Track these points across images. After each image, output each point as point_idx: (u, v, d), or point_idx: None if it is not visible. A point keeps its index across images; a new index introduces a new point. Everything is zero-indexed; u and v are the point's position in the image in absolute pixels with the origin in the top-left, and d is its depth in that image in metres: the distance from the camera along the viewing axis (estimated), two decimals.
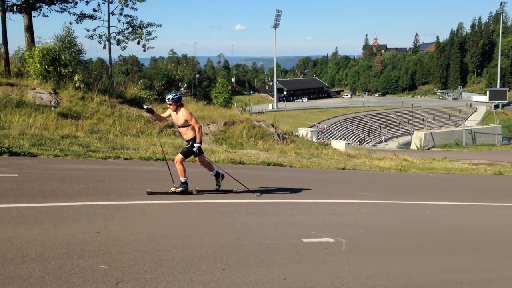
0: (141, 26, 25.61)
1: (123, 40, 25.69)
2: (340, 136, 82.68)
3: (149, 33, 25.78)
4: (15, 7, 22.53)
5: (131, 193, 7.92)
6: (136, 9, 26.03)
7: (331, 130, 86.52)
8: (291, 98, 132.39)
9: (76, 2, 24.64)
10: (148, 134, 19.01)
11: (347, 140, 60.52)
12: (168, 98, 8.03)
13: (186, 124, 8.09)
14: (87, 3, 25.84)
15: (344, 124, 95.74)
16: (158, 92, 30.76)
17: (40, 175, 8.73)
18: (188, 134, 8.16)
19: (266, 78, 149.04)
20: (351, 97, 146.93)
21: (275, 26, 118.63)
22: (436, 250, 6.82)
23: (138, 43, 25.74)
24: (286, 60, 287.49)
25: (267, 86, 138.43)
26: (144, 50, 26.43)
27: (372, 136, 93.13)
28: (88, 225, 5.82)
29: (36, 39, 23.20)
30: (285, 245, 6.04)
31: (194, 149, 8.09)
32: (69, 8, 24.73)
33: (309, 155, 19.93)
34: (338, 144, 36.86)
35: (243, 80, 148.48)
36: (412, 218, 9.19)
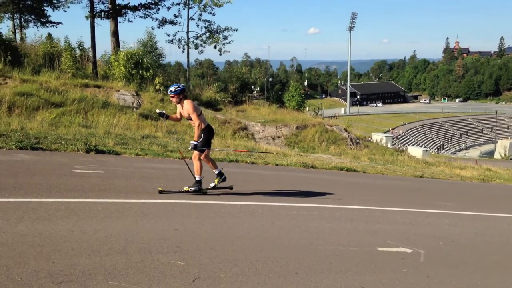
0: (218, 30, 26.39)
1: (201, 44, 26.63)
2: (417, 142, 79.44)
3: (225, 37, 26.52)
4: (103, 13, 24.12)
5: (207, 193, 8.11)
6: (214, 14, 26.89)
7: (407, 136, 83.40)
8: (365, 103, 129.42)
9: (159, 8, 25.92)
10: (222, 136, 19.43)
11: (425, 147, 58.01)
12: (171, 91, 7.62)
13: (191, 117, 7.68)
14: (168, 9, 27.11)
15: (422, 130, 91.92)
16: (232, 95, 31.36)
17: (123, 173, 9.22)
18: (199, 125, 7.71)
19: (339, 82, 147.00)
20: (429, 102, 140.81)
21: (350, 29, 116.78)
22: None
23: (215, 47, 26.53)
24: (361, 64, 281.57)
25: (339, 90, 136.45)
26: (220, 54, 27.20)
27: (451, 144, 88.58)
28: (166, 222, 6.05)
29: (121, 43, 24.67)
30: (360, 252, 5.89)
31: (191, 148, 7.72)
32: (152, 14, 26.08)
33: (384, 161, 19.35)
34: (415, 151, 35.41)
35: (316, 83, 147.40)
36: (495, 231, 8.60)
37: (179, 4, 26.65)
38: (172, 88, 7.64)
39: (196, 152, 7.75)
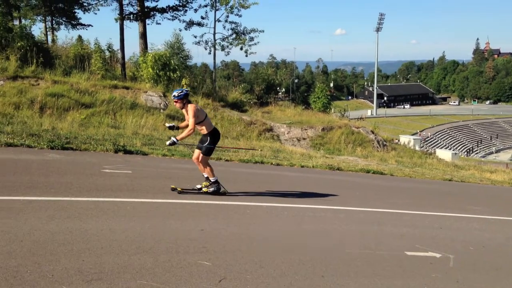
0: (245, 32, 26.46)
1: (227, 46, 26.75)
2: (445, 145, 77.86)
3: (251, 39, 26.59)
4: (131, 15, 24.56)
5: (231, 194, 8.14)
6: (240, 16, 27.00)
7: (435, 139, 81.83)
8: (392, 104, 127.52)
9: (186, 10, 26.24)
10: (247, 137, 19.49)
11: (454, 150, 56.78)
12: (174, 95, 7.38)
13: (196, 123, 7.40)
14: (195, 11, 27.37)
15: (450, 133, 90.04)
16: (257, 96, 31.41)
17: (151, 173, 9.35)
18: (203, 130, 7.57)
19: (365, 83, 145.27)
20: (458, 104, 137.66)
21: (378, 30, 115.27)
22: None
23: (241, 48, 26.61)
24: (388, 65, 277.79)
25: (366, 92, 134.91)
26: (247, 56, 27.25)
27: (481, 147, 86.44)
28: (193, 222, 6.09)
29: (149, 45, 25.04)
30: (387, 256, 5.80)
31: (168, 144, 7.44)
32: (179, 16, 26.41)
33: (411, 164, 19.04)
34: (444, 154, 34.68)
35: (342, 85, 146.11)
36: None
37: (206, 6, 26.89)
38: (175, 93, 7.39)
39: (201, 157, 7.65)
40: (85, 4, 29.28)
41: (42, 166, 8.39)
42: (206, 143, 7.57)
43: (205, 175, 7.78)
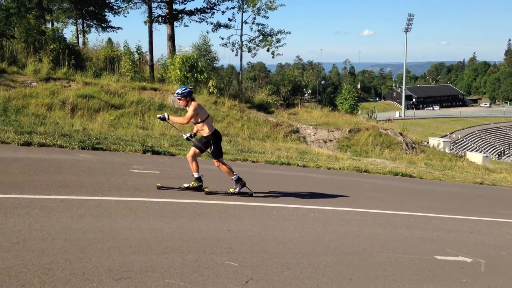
0: (271, 33, 26.48)
1: (254, 48, 26.81)
2: (476, 148, 75.97)
3: (278, 40, 26.59)
4: (160, 18, 24.92)
5: (257, 195, 8.15)
6: (267, 18, 27.08)
7: (465, 141, 79.95)
8: (421, 106, 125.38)
9: (214, 12, 26.48)
10: (273, 139, 19.49)
11: (485, 153, 55.36)
12: (177, 93, 7.38)
13: (197, 121, 7.46)
14: (223, 13, 27.59)
15: (481, 135, 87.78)
16: (284, 98, 31.33)
17: (178, 173, 9.45)
18: (204, 130, 7.52)
19: (393, 84, 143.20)
20: (489, 106, 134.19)
21: (406, 30, 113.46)
22: None
23: (268, 50, 26.65)
24: (417, 66, 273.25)
25: (394, 93, 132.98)
26: (273, 57, 27.27)
27: None
28: (220, 223, 6.13)
29: (176, 47, 25.36)
30: (416, 260, 5.70)
31: (158, 117, 7.52)
32: (207, 18, 26.66)
33: (441, 167, 18.66)
34: (475, 157, 33.82)
35: (369, 86, 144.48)
36: None
37: (233, 8, 27.06)
38: (179, 91, 7.41)
39: (214, 160, 7.72)
40: (115, 7, 29.91)
41: (73, 166, 8.58)
42: (212, 148, 7.57)
43: (196, 175, 7.73)
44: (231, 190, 7.86)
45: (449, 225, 8.00)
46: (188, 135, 7.79)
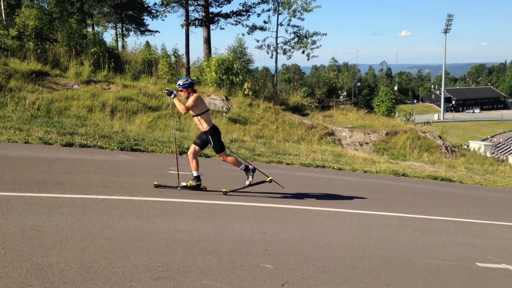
0: (307, 35, 26.35)
1: (289, 50, 26.75)
2: None
3: (314, 42, 26.43)
4: (197, 21, 25.27)
5: (292, 198, 8.12)
6: (303, 19, 26.98)
7: (507, 145, 77.05)
8: (461, 109, 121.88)
9: (249, 15, 26.60)
10: (308, 141, 19.37)
11: None
12: (179, 84, 7.30)
13: (196, 113, 7.35)
14: (258, 15, 27.68)
15: None
16: (319, 100, 31.14)
17: (213, 175, 9.53)
18: (203, 124, 7.44)
19: (432, 86, 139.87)
20: None
21: (445, 31, 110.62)
22: None
23: (303, 52, 26.52)
24: (456, 68, 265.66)
25: (433, 95, 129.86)
26: (308, 59, 27.11)
27: None
28: (255, 225, 6.13)
29: (212, 50, 25.63)
30: (457, 267, 5.52)
31: (166, 90, 7.37)
32: (243, 21, 26.83)
33: (482, 171, 18.06)
34: None
35: (406, 88, 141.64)
36: None
37: (269, 10, 27.08)
38: (180, 82, 7.32)
39: (218, 155, 7.70)
40: (153, 11, 30.58)
41: (113, 167, 8.80)
42: (212, 144, 7.51)
43: (195, 174, 7.64)
44: (247, 182, 7.77)
45: (490, 232, 7.72)
46: (170, 92, 7.33)
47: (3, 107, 13.65)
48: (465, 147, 33.28)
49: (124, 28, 33.30)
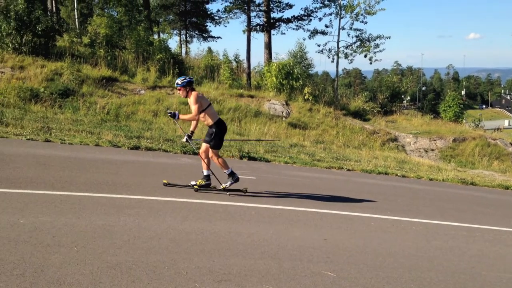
0: (370, 39, 25.80)
1: (351, 54, 26.31)
2: None
3: (377, 46, 25.82)
4: (258, 27, 25.52)
5: (355, 205, 7.96)
6: (366, 23, 26.41)
7: None
8: None
9: (311, 20, 26.47)
10: (370, 147, 18.94)
11: None
12: (177, 83, 7.16)
13: (199, 108, 7.14)
14: (320, 19, 27.54)
15: None
16: (381, 105, 30.34)
17: (273, 180, 9.55)
18: (207, 120, 7.25)
19: (502, 91, 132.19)
20: None
21: None
22: None
23: (365, 56, 25.99)
24: None
25: (503, 100, 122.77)
26: (371, 63, 26.55)
27: None
28: (316, 231, 6.07)
29: (273, 55, 25.76)
30: None
31: (168, 113, 7.29)
32: (304, 25, 26.74)
33: None
34: None
35: (475, 93, 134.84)
36: None
37: (330, 14, 26.81)
38: (178, 81, 7.19)
39: (210, 152, 7.35)
40: (216, 18, 31.28)
41: (176, 170, 9.07)
42: (212, 136, 7.26)
43: (205, 173, 7.47)
44: (223, 186, 7.50)
45: None
46: (186, 135, 7.44)
47: (76, 111, 14.48)
48: None
49: (188, 35, 34.35)
